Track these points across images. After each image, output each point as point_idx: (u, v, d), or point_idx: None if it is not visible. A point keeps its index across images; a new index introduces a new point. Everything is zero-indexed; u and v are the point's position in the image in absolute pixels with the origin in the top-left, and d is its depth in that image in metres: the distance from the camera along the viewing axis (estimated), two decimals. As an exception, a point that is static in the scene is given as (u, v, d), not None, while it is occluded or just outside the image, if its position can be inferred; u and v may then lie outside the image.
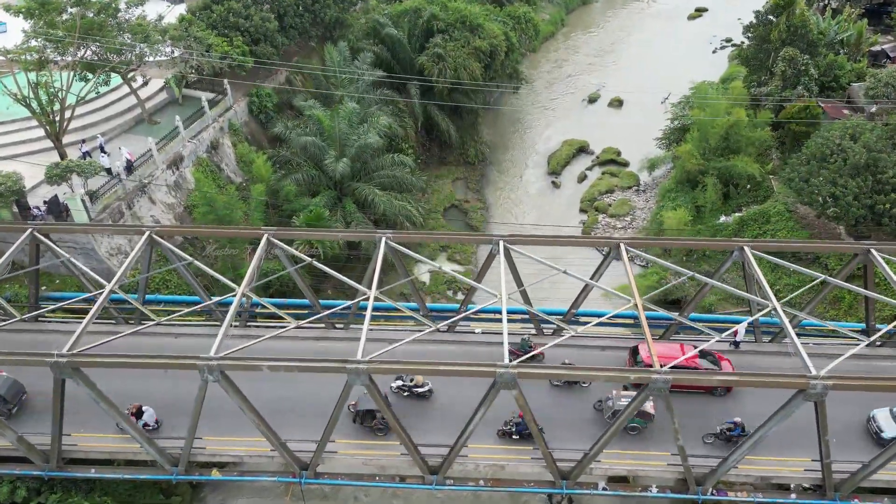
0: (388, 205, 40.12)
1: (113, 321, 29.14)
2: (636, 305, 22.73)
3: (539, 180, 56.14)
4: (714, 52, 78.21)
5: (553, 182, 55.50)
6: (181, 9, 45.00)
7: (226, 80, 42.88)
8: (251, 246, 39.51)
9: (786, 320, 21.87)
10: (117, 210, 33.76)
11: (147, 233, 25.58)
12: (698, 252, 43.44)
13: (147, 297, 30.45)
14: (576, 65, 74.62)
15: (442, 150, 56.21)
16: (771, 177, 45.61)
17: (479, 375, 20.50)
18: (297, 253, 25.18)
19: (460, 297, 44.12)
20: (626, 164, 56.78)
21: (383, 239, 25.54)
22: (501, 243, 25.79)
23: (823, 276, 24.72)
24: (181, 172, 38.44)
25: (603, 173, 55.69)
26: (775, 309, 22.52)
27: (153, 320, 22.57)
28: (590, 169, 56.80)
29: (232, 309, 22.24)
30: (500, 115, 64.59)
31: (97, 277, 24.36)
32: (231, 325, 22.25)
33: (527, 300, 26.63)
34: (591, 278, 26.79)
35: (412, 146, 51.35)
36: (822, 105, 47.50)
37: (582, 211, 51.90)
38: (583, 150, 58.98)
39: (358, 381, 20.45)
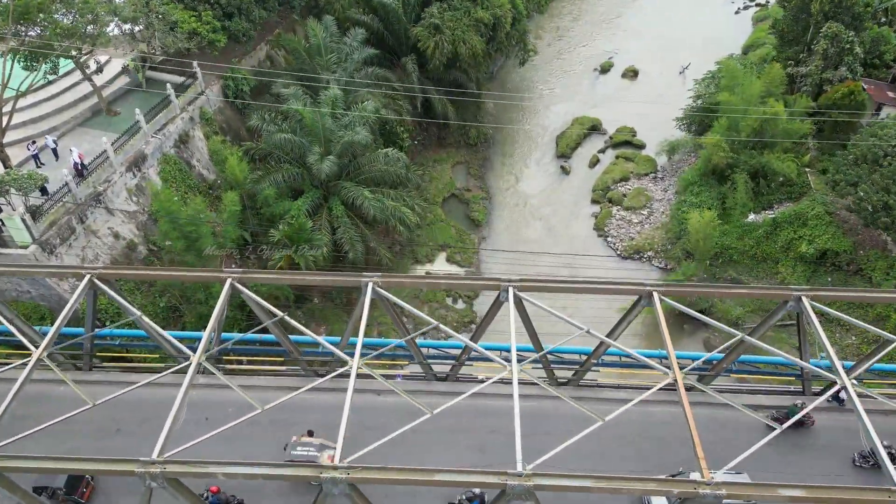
0: (378, 209, 35.67)
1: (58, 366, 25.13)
2: (675, 381, 18.70)
3: (547, 165, 51.39)
4: (737, 12, 72.15)
5: (562, 167, 50.76)
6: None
7: (195, 62, 37.77)
8: (226, 256, 35.48)
9: (859, 404, 17.85)
10: (67, 226, 29.36)
11: (87, 277, 21.24)
12: (724, 257, 39.35)
13: (100, 331, 26.49)
14: (586, 28, 68.63)
15: (441, 130, 51.24)
16: (807, 170, 41.01)
17: (487, 487, 16.69)
18: (268, 305, 20.95)
19: (461, 305, 40.21)
20: (641, 147, 51.90)
21: (369, 285, 21.26)
22: (511, 290, 21.47)
23: (898, 339, 20.57)
24: (144, 173, 33.85)
25: (617, 157, 50.86)
26: (845, 388, 18.50)
27: (88, 403, 18.50)
28: (602, 152, 51.96)
29: (183, 390, 18.21)
30: (504, 89, 59.25)
31: (23, 342, 20.25)
32: (196, 375, 18.59)
33: (547, 367, 22.64)
34: (615, 329, 22.77)
35: (408, 129, 46.50)
36: (865, 86, 42.52)
37: (594, 202, 47.38)
38: (595, 129, 53.96)
39: (336, 491, 16.61)
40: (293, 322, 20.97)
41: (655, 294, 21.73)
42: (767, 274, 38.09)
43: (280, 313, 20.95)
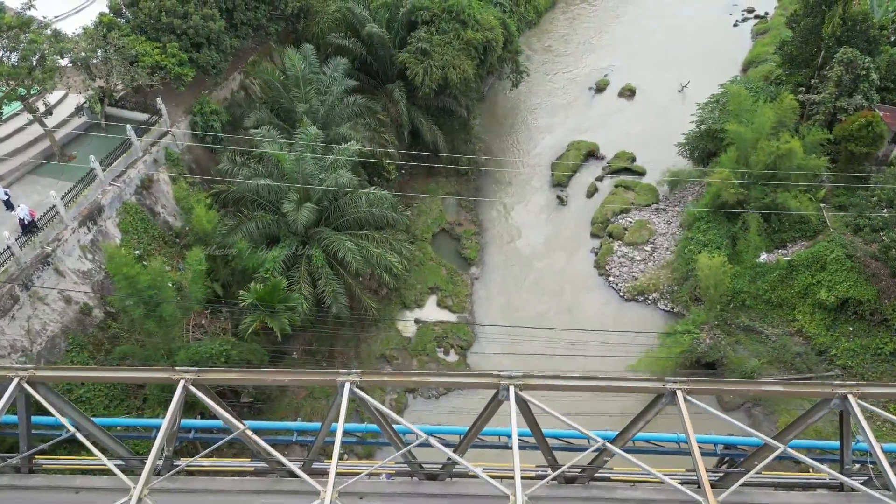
0: (362, 262, 32.64)
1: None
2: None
3: (542, 194, 48.44)
4: (735, 24, 69.48)
5: (558, 196, 47.84)
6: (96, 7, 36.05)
7: (159, 98, 34.56)
8: (195, 313, 32.31)
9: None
10: (9, 295, 26.12)
11: (15, 380, 17.97)
12: (737, 301, 36.58)
13: (42, 419, 23.28)
14: (579, 45, 65.68)
15: (430, 159, 48.23)
16: (822, 206, 38.30)
17: None
18: (227, 416, 17.87)
19: (453, 358, 37.21)
20: (642, 174, 49.06)
21: (346, 385, 18.10)
22: (512, 389, 18.37)
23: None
24: (101, 227, 30.64)
25: (616, 186, 47.97)
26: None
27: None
28: (600, 179, 49.08)
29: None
30: (495, 111, 56.35)
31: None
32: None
33: (554, 468, 19.54)
34: (631, 428, 19.81)
35: (394, 161, 43.45)
36: (881, 113, 39.85)
37: (594, 236, 44.52)
38: (592, 154, 51.09)
39: None
40: (255, 438, 17.91)
41: (679, 393, 18.77)
42: (783, 321, 35.35)
43: (242, 426, 17.86)
